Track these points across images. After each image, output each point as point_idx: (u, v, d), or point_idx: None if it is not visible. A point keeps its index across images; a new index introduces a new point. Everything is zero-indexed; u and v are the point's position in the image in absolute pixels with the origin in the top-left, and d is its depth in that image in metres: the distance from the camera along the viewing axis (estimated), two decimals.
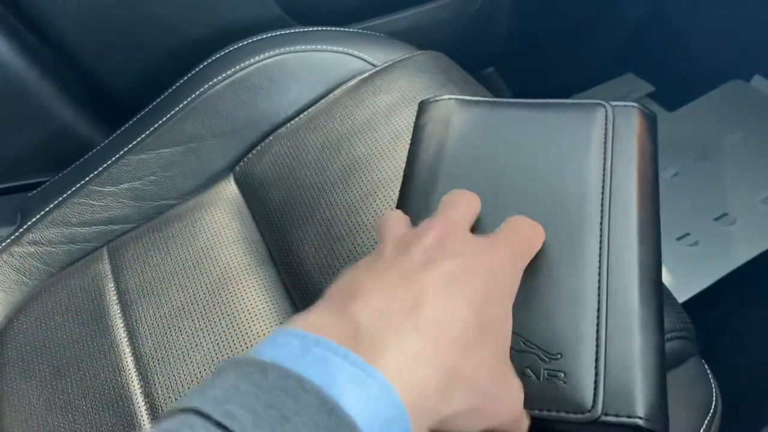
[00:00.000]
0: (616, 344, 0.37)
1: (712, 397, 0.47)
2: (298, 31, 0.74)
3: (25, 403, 0.56)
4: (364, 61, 0.71)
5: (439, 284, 0.31)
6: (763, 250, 1.02)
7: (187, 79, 0.72)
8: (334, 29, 0.75)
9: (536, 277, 0.39)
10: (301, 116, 0.67)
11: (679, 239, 1.04)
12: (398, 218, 0.40)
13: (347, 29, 0.76)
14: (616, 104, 0.47)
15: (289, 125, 0.67)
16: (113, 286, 0.61)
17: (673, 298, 0.49)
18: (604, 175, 0.43)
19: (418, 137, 0.49)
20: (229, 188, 0.67)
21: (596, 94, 1.26)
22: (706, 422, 0.45)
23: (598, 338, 0.37)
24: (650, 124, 0.47)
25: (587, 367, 0.36)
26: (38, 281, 0.66)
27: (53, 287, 0.63)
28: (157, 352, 0.55)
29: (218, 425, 0.24)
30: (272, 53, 0.71)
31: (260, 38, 0.73)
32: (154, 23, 0.80)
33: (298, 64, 0.71)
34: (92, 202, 0.68)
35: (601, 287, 0.39)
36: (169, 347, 0.55)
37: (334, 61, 0.71)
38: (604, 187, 0.43)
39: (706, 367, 0.48)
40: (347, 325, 0.29)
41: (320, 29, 0.75)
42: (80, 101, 0.83)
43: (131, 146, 0.69)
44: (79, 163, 0.72)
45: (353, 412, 0.25)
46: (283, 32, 0.74)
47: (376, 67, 0.70)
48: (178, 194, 0.68)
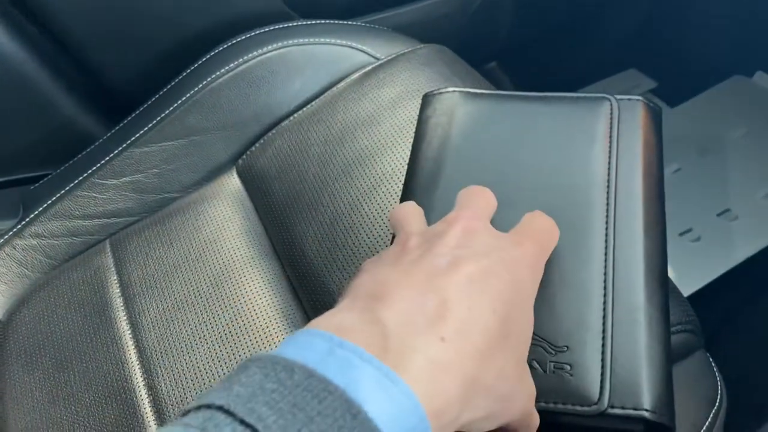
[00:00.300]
0: (622, 337, 0.37)
1: (717, 390, 0.46)
2: (301, 24, 0.74)
3: (28, 395, 0.56)
4: (367, 54, 0.71)
5: (464, 288, 0.31)
6: (765, 245, 1.02)
7: (189, 72, 0.72)
8: (337, 22, 0.75)
9: (543, 270, 0.39)
10: (304, 109, 0.67)
11: (681, 235, 1.04)
12: (414, 210, 0.39)
13: (350, 22, 0.76)
14: (621, 98, 0.47)
15: (292, 118, 0.67)
16: (116, 278, 0.61)
17: (678, 291, 0.49)
18: (609, 168, 0.43)
19: (422, 130, 0.49)
20: (231, 181, 0.67)
21: (598, 89, 1.26)
22: (711, 415, 0.45)
23: (604, 331, 0.37)
24: (655, 117, 0.47)
25: (593, 359, 0.37)
26: (41, 274, 0.66)
27: (56, 280, 0.63)
28: (160, 344, 0.55)
29: (243, 423, 0.24)
30: (275, 46, 0.71)
31: (263, 31, 0.73)
32: (156, 16, 0.80)
33: (301, 57, 0.70)
34: (95, 194, 0.68)
35: (607, 280, 0.39)
36: (172, 340, 0.55)
37: (337, 54, 0.71)
38: (609, 180, 0.43)
39: (711, 360, 0.48)
40: (373, 328, 0.29)
41: (323, 22, 0.74)
42: (83, 94, 0.82)
43: (134, 139, 0.69)
44: (81, 155, 0.72)
45: (377, 417, 0.25)
46: (286, 25, 0.74)
47: (379, 60, 0.70)
48: (180, 187, 0.68)
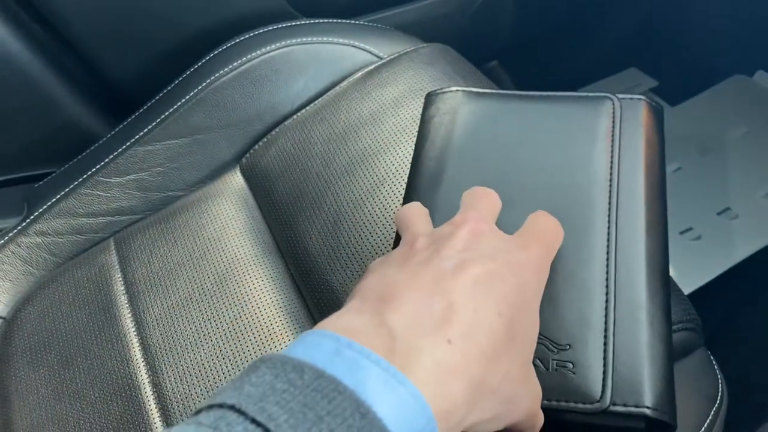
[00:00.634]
0: (624, 335, 0.37)
1: (718, 388, 0.47)
2: (304, 23, 0.74)
3: (33, 392, 0.56)
4: (370, 53, 0.71)
5: (470, 291, 0.31)
6: (765, 244, 1.02)
7: (193, 70, 0.73)
8: (340, 21, 0.75)
9: (548, 271, 0.39)
10: (307, 108, 0.68)
11: (682, 233, 1.04)
12: (420, 211, 0.39)
13: (353, 21, 0.76)
14: (623, 97, 0.47)
15: (295, 117, 0.67)
16: (120, 276, 0.61)
17: (679, 290, 0.49)
18: (611, 167, 0.43)
19: (425, 129, 0.49)
20: (235, 180, 0.67)
21: (599, 88, 1.26)
22: (712, 413, 0.45)
23: (606, 329, 0.38)
24: (657, 116, 0.47)
25: (596, 357, 0.37)
26: (45, 271, 0.66)
27: (60, 277, 0.64)
28: (164, 342, 0.55)
29: (254, 422, 0.24)
30: (278, 45, 0.71)
31: (266, 30, 0.73)
32: (160, 15, 0.80)
33: (304, 56, 0.71)
34: (99, 193, 0.68)
35: (609, 279, 0.39)
36: (176, 337, 0.55)
37: (340, 53, 0.71)
38: (611, 179, 0.43)
39: (711, 358, 0.49)
40: (380, 330, 0.29)
41: (326, 21, 0.74)
42: (87, 93, 0.83)
43: (138, 137, 0.69)
44: (85, 154, 0.73)
45: (386, 417, 0.25)
46: (289, 24, 0.74)
47: (382, 59, 0.70)
48: (184, 185, 0.68)
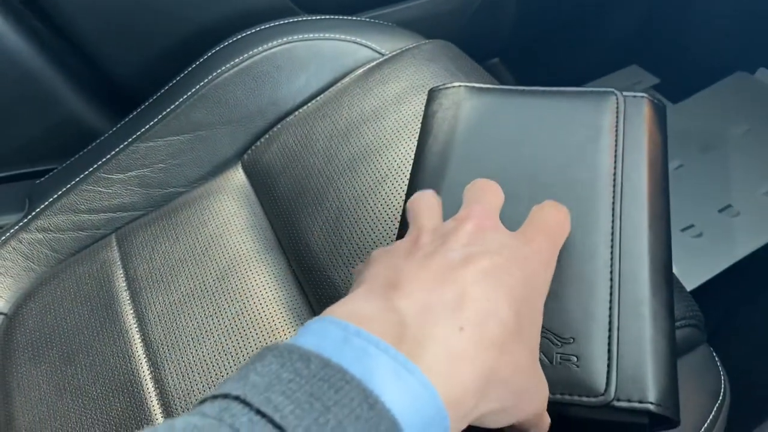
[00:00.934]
0: (627, 330, 0.37)
1: (720, 384, 0.47)
2: (305, 19, 0.74)
3: (35, 388, 0.56)
4: (372, 49, 0.71)
5: (479, 282, 0.31)
6: (767, 241, 1.02)
7: (195, 67, 0.72)
8: (341, 18, 0.75)
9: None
10: (309, 104, 0.68)
11: (683, 230, 1.04)
12: (432, 203, 0.39)
13: (355, 18, 0.76)
14: (626, 94, 0.47)
15: (297, 113, 0.67)
16: (122, 272, 0.61)
17: (682, 286, 0.49)
18: (615, 163, 0.43)
19: (428, 125, 0.49)
20: (237, 176, 0.67)
21: (600, 85, 1.26)
22: (715, 408, 0.45)
23: (610, 323, 0.38)
24: (660, 114, 0.47)
25: (600, 351, 0.37)
26: (47, 267, 0.66)
27: (62, 273, 0.64)
28: (166, 338, 0.55)
29: (259, 413, 0.23)
30: (280, 41, 0.71)
31: (268, 26, 0.73)
32: (162, 11, 0.80)
33: (306, 52, 0.71)
34: (101, 189, 0.68)
35: (612, 273, 0.39)
36: (178, 333, 0.55)
37: (342, 49, 0.71)
38: (615, 175, 0.43)
39: (714, 354, 0.49)
40: (390, 316, 0.28)
41: (328, 18, 0.74)
42: (88, 89, 0.83)
43: (139, 134, 0.69)
44: (87, 150, 0.73)
45: (394, 407, 0.25)
46: (291, 21, 0.74)
47: (384, 55, 0.70)
48: (186, 182, 0.68)
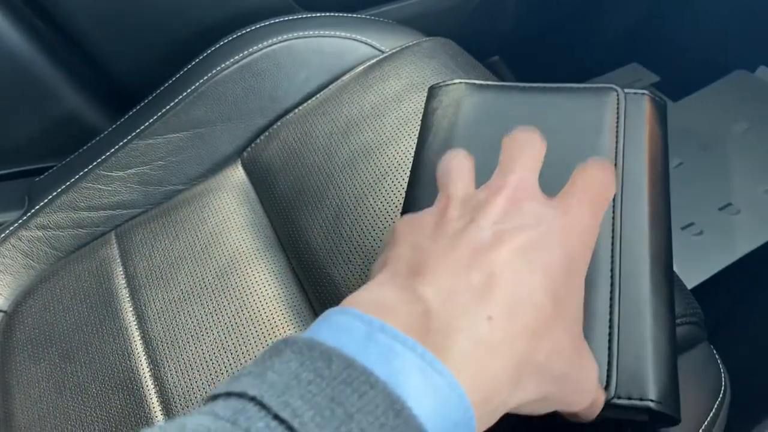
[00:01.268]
0: (628, 328, 0.37)
1: (721, 381, 0.47)
2: (305, 16, 0.74)
3: (34, 385, 0.56)
4: (371, 47, 0.71)
5: (511, 262, 0.28)
6: (767, 239, 1.02)
7: (194, 64, 0.72)
8: (341, 15, 0.75)
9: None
10: (308, 102, 0.67)
11: (683, 229, 1.04)
12: (463, 165, 0.36)
13: (355, 15, 0.76)
14: (627, 91, 0.47)
15: (296, 111, 0.67)
16: (121, 270, 0.61)
17: (682, 283, 0.49)
18: (615, 159, 0.43)
19: (428, 122, 0.49)
20: (236, 174, 0.67)
21: (600, 83, 1.26)
22: (716, 405, 0.45)
23: (610, 321, 0.37)
24: (661, 111, 0.47)
25: (600, 349, 0.37)
26: (46, 265, 0.66)
27: (61, 271, 0.64)
28: (166, 336, 0.55)
29: (277, 418, 0.22)
30: (280, 39, 0.71)
31: (268, 24, 0.73)
32: (161, 8, 0.80)
33: (305, 49, 0.71)
34: (100, 186, 0.68)
35: (613, 271, 0.39)
36: (178, 331, 0.55)
37: (342, 47, 0.71)
38: (615, 171, 0.43)
39: (714, 352, 0.49)
40: (415, 307, 0.27)
41: (328, 15, 0.74)
42: (88, 86, 0.83)
43: (139, 131, 0.69)
44: (86, 147, 0.72)
45: (421, 413, 0.23)
46: (291, 18, 0.74)
47: (384, 53, 0.70)
48: (185, 179, 0.68)
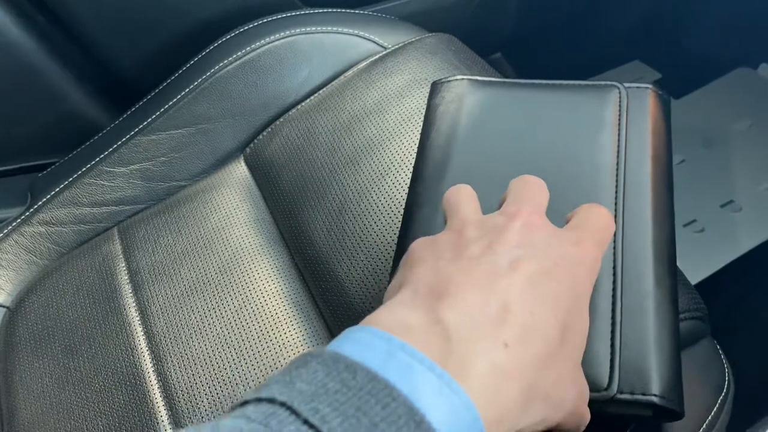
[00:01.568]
0: (631, 324, 0.37)
1: (725, 376, 0.47)
2: (308, 12, 0.74)
3: (37, 380, 0.56)
4: (374, 43, 0.71)
5: (524, 291, 0.30)
6: None
7: (197, 60, 0.72)
8: (344, 11, 0.75)
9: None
10: (311, 98, 0.67)
11: (685, 226, 1.04)
12: (469, 194, 0.37)
13: (357, 11, 0.76)
14: (629, 86, 0.47)
15: (299, 107, 0.67)
16: (124, 265, 0.61)
17: (685, 279, 0.49)
18: (618, 155, 0.43)
19: (430, 118, 0.49)
20: (239, 169, 0.67)
21: (603, 80, 1.26)
22: (719, 401, 0.45)
23: (613, 318, 0.37)
24: (664, 105, 0.47)
25: (603, 346, 0.37)
26: (49, 261, 0.66)
27: (64, 267, 0.64)
28: (169, 331, 0.55)
29: (307, 423, 0.23)
30: (283, 35, 0.71)
31: (270, 20, 0.73)
32: (164, 4, 0.80)
33: (308, 45, 0.71)
34: (103, 182, 0.68)
35: (616, 267, 0.39)
36: (181, 326, 0.55)
37: (344, 43, 0.71)
38: (618, 167, 0.43)
39: (718, 347, 0.49)
40: (435, 329, 0.28)
41: (330, 11, 0.74)
42: (90, 83, 0.83)
43: (142, 127, 0.69)
44: (89, 143, 0.73)
45: (439, 427, 0.24)
46: (293, 14, 0.74)
47: (386, 49, 0.70)
48: (188, 175, 0.68)
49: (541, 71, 1.23)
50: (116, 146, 0.69)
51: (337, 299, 0.52)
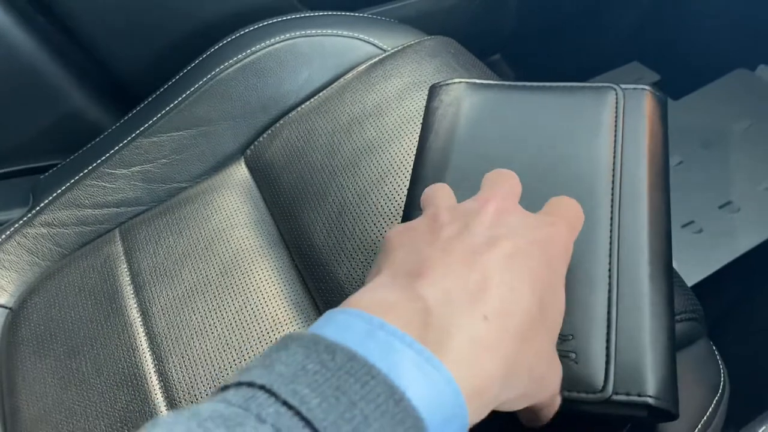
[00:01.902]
0: (626, 325, 0.38)
1: (720, 377, 0.47)
2: (308, 15, 0.74)
3: (40, 381, 0.57)
4: (374, 45, 0.71)
5: (502, 267, 0.30)
6: (766, 237, 1.02)
7: (198, 62, 0.73)
8: (344, 14, 0.75)
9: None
10: (311, 100, 0.68)
11: (684, 226, 1.04)
12: (444, 188, 0.39)
13: (357, 14, 0.77)
14: (626, 87, 0.47)
15: (299, 109, 0.68)
16: (126, 267, 0.62)
17: (682, 280, 0.49)
18: (614, 157, 0.44)
19: (429, 121, 0.50)
20: (240, 171, 0.67)
21: (601, 82, 1.26)
22: (714, 402, 0.46)
23: (609, 319, 0.38)
24: (661, 106, 0.47)
25: (598, 347, 0.37)
26: (51, 262, 0.67)
27: (66, 268, 0.64)
28: (170, 332, 0.56)
29: (286, 404, 0.23)
30: (283, 37, 0.71)
31: (270, 22, 0.73)
32: (165, 7, 0.80)
33: (308, 48, 0.71)
34: (104, 184, 0.68)
35: (612, 268, 0.39)
36: (182, 327, 0.56)
37: (344, 45, 0.71)
38: (614, 169, 0.43)
39: (714, 348, 0.49)
40: (414, 305, 0.28)
41: (330, 14, 0.75)
42: (91, 85, 0.83)
43: (143, 129, 0.70)
44: (91, 145, 0.73)
45: (419, 404, 0.25)
46: (293, 16, 0.74)
47: (386, 51, 0.70)
48: (189, 177, 0.69)
49: (540, 72, 1.24)
50: (117, 148, 0.69)
51: (336, 300, 0.53)
